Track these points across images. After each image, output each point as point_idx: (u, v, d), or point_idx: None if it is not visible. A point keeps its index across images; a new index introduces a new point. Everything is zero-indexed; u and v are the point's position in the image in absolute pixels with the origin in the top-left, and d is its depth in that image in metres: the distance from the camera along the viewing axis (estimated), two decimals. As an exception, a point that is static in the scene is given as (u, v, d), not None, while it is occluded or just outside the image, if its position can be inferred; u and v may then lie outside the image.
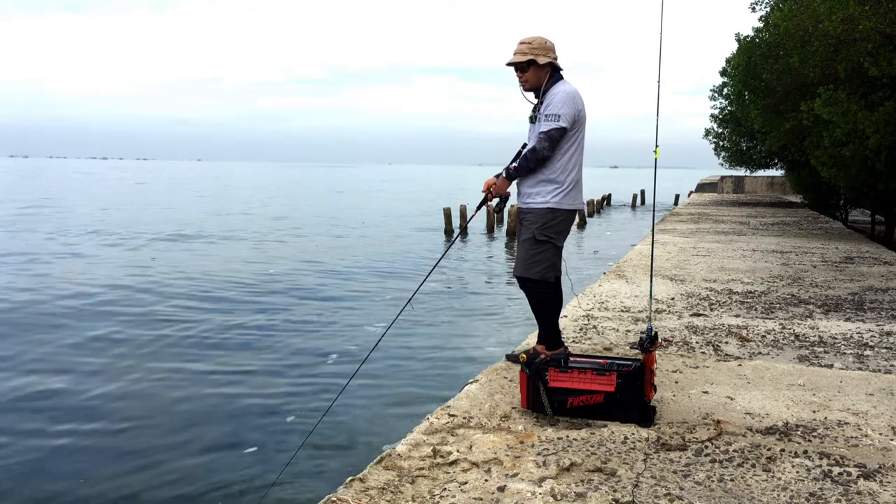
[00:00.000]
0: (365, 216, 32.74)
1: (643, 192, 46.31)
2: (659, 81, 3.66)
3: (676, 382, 3.89)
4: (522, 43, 3.83)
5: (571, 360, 3.36)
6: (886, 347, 4.78)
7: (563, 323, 4.97)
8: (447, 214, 25.07)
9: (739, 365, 4.27)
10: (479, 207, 4.00)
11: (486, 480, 2.67)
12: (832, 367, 4.28)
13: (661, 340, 4.74)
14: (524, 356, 3.33)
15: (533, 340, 4.45)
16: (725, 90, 22.82)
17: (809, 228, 15.00)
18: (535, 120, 3.86)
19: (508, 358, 4.30)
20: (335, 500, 2.49)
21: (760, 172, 30.22)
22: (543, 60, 3.80)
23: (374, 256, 18.52)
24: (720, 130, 25.54)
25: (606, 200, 43.32)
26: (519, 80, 3.89)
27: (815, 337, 5.06)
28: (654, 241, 3.90)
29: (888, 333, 5.20)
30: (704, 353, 4.58)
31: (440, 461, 2.84)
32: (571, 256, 18.60)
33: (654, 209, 4.33)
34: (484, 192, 3.92)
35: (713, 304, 6.30)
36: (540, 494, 2.54)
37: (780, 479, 2.68)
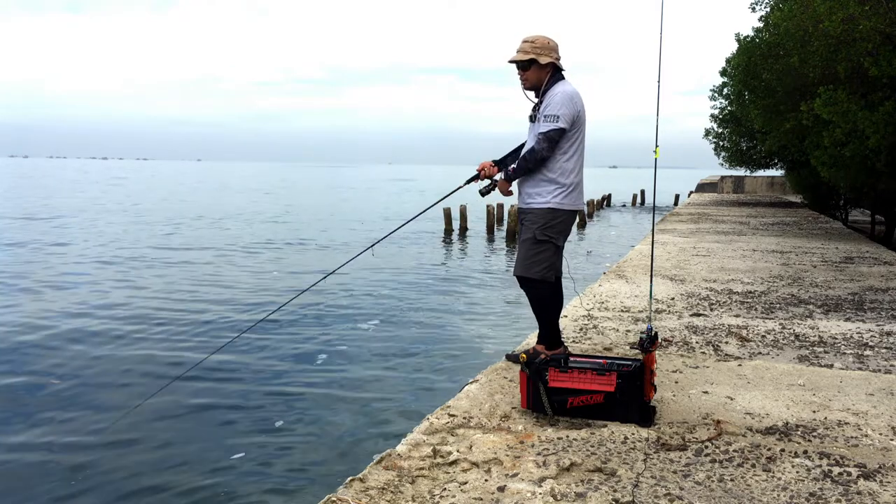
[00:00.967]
0: (364, 216, 32.75)
1: (643, 192, 46.31)
2: (659, 81, 3.66)
3: (676, 382, 3.89)
4: (525, 41, 3.85)
5: (571, 360, 3.36)
6: (886, 347, 4.78)
7: (563, 323, 4.97)
8: (447, 214, 25.06)
9: (739, 365, 4.27)
10: (467, 182, 4.10)
11: (486, 480, 2.67)
12: (832, 367, 4.28)
13: (661, 340, 4.74)
14: (524, 356, 3.33)
15: (533, 340, 4.45)
16: (725, 90, 22.80)
17: (809, 228, 15.00)
18: (534, 119, 3.87)
19: (508, 358, 4.30)
20: (335, 500, 2.49)
21: (760, 172, 30.22)
22: (545, 60, 3.80)
23: (366, 254, 18.52)
24: (720, 130, 25.53)
25: (606, 201, 43.32)
26: (520, 78, 3.90)
27: (815, 337, 5.06)
28: (654, 241, 3.90)
29: (888, 333, 5.20)
30: (704, 353, 4.58)
31: (440, 461, 2.84)
32: (573, 256, 18.64)
33: (654, 209, 4.33)
34: (478, 170, 4.01)
35: (713, 304, 6.30)
36: (540, 494, 2.54)
37: (780, 479, 2.68)
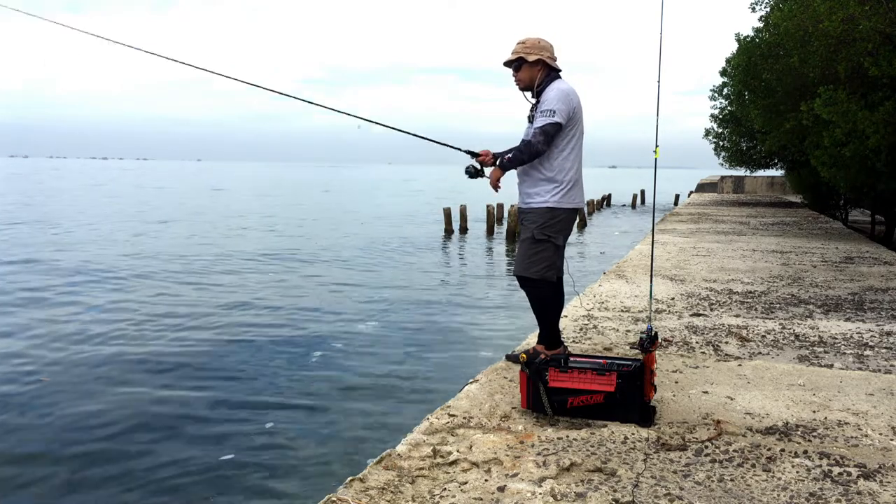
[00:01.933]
0: (363, 217, 32.76)
1: (643, 192, 46.32)
2: (659, 81, 3.67)
3: (676, 382, 3.89)
4: (517, 43, 3.92)
5: (571, 360, 3.36)
6: (886, 347, 4.78)
7: (563, 323, 4.97)
8: (447, 214, 25.06)
9: (739, 365, 4.27)
10: (467, 152, 4.07)
11: (486, 480, 2.67)
12: (832, 367, 4.28)
13: (661, 340, 4.74)
14: (524, 356, 3.33)
15: (533, 340, 4.45)
16: (725, 90, 22.82)
17: (809, 228, 15.00)
18: (532, 119, 3.88)
19: (508, 358, 4.30)
20: (335, 500, 2.49)
21: (760, 172, 30.24)
22: (533, 58, 3.82)
23: (364, 254, 18.55)
24: (720, 130, 25.54)
25: (606, 201, 43.32)
26: (514, 79, 3.94)
27: (815, 337, 5.06)
28: (654, 241, 3.90)
29: (888, 333, 5.20)
30: (704, 353, 4.58)
31: (440, 461, 2.84)
32: (581, 257, 18.66)
33: (654, 209, 4.34)
34: (480, 153, 4.02)
35: (713, 304, 6.30)
36: (540, 494, 2.54)
37: (780, 479, 2.68)
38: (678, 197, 42.11)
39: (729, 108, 23.20)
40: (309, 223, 28.56)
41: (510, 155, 3.86)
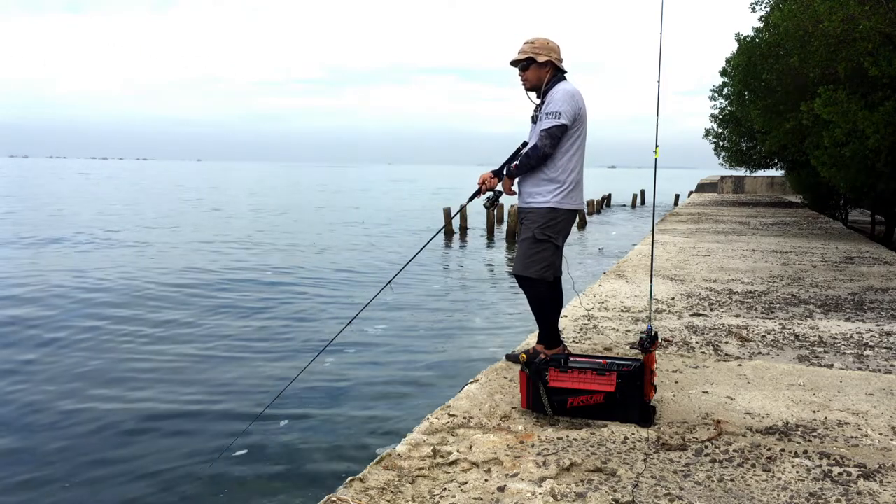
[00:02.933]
0: (364, 217, 32.76)
1: (643, 192, 46.30)
2: (659, 81, 3.67)
3: (676, 382, 3.89)
4: (525, 43, 3.92)
5: (571, 359, 3.36)
6: (886, 347, 4.78)
7: (563, 323, 4.97)
8: (447, 214, 25.05)
9: (739, 365, 4.27)
10: (470, 199, 4.06)
11: (486, 480, 2.67)
12: (832, 367, 4.28)
13: (661, 340, 4.74)
14: (524, 356, 3.33)
15: (533, 340, 4.45)
16: (725, 90, 22.81)
17: (809, 228, 15.00)
18: (536, 119, 3.88)
19: (508, 358, 4.30)
20: (335, 500, 2.49)
21: (760, 172, 30.22)
22: (542, 59, 3.83)
23: (364, 254, 18.54)
24: (720, 130, 25.53)
25: (606, 201, 43.30)
26: (521, 79, 3.93)
27: (815, 337, 5.06)
28: (654, 241, 3.90)
29: (888, 333, 5.20)
30: (704, 353, 4.58)
31: (440, 461, 2.84)
32: (582, 256, 18.65)
33: (654, 209, 4.34)
34: (479, 184, 3.96)
35: (713, 304, 6.30)
36: (540, 494, 2.54)
37: (780, 479, 2.68)
38: (678, 197, 42.09)
39: (729, 108, 23.19)
40: (309, 223, 28.55)
41: (517, 162, 3.87)
